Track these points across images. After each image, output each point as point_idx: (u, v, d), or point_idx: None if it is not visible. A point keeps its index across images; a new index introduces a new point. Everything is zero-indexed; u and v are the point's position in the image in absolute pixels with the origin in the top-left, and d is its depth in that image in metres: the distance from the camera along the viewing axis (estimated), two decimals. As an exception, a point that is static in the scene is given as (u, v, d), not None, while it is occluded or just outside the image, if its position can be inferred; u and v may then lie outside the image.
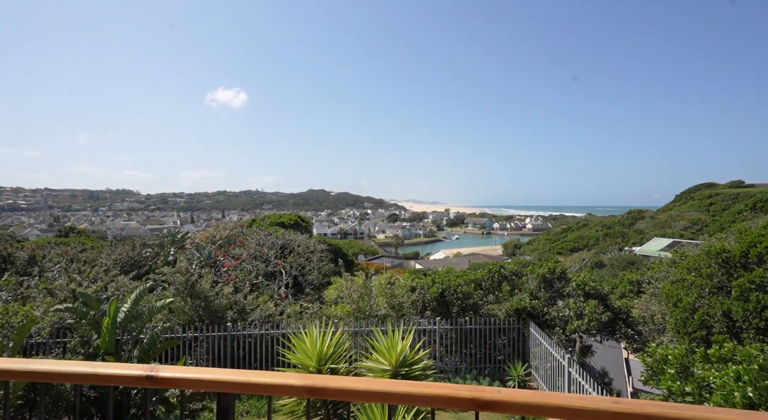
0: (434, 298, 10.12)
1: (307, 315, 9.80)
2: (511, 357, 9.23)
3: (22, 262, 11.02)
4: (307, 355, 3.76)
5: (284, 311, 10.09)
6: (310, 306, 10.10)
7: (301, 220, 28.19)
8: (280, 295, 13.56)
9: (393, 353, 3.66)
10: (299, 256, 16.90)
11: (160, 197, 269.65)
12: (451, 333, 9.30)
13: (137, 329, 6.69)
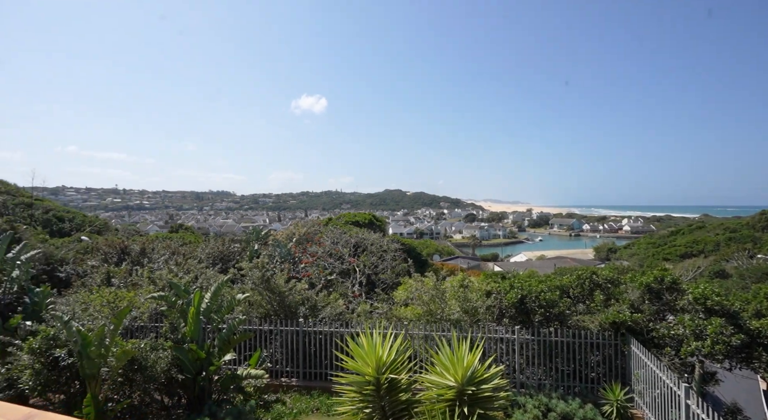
0: (512, 305, 9.27)
1: (377, 315, 9.65)
2: (607, 377, 8.03)
3: (136, 253, 12.60)
4: (365, 361, 3.49)
5: (355, 310, 10.07)
6: (380, 306, 9.93)
7: (375, 219, 28.53)
8: (354, 293, 13.70)
9: (459, 368, 3.22)
10: (372, 254, 16.98)
11: (251, 198, 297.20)
12: (533, 344, 8.41)
13: (218, 319, 7.10)
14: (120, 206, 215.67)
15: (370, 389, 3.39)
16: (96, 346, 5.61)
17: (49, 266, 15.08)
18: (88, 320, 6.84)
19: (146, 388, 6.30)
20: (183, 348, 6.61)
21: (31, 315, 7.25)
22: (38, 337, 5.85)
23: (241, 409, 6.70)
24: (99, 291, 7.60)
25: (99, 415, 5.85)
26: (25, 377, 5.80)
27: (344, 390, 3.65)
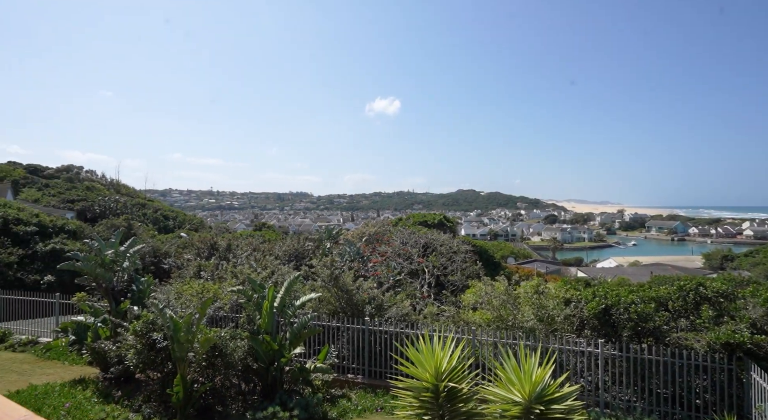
0: (595, 315, 8.37)
1: (444, 318, 9.39)
2: (717, 406, 6.84)
3: (223, 249, 13.86)
4: (424, 366, 3.34)
5: (422, 311, 9.92)
6: (448, 309, 9.64)
7: (445, 219, 28.03)
8: (422, 294, 13.55)
9: (526, 383, 2.91)
10: (441, 255, 16.66)
11: (327, 198, 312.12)
12: (620, 361, 7.48)
13: (289, 314, 7.46)
14: (214, 206, 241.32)
15: (427, 396, 3.24)
16: (184, 332, 6.22)
17: (156, 258, 17.30)
18: (180, 308, 7.64)
19: (226, 373, 6.84)
20: (258, 339, 7.05)
21: (137, 301, 8.33)
22: (140, 321, 6.66)
23: (309, 401, 6.95)
24: (189, 282, 8.45)
25: (187, 394, 6.49)
26: (130, 355, 6.64)
27: (402, 394, 3.54)
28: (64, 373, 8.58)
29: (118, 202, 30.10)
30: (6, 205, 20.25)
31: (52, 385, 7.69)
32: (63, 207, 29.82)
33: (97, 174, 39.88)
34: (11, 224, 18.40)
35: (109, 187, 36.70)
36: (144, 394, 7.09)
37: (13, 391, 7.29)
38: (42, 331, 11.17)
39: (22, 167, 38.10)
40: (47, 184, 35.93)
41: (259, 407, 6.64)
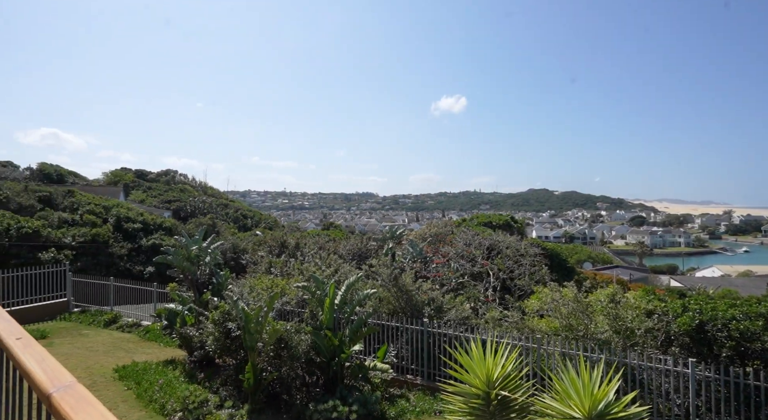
0: (685, 331, 7.44)
1: (506, 323, 9.01)
2: None
3: (292, 247, 14.72)
4: (475, 372, 3.24)
5: (483, 315, 9.63)
6: (511, 314, 9.23)
7: (513, 221, 26.78)
8: (486, 298, 13.13)
9: (586, 398, 2.68)
10: (507, 258, 15.99)
11: (392, 198, 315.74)
12: (718, 385, 6.55)
13: (349, 311, 7.70)
14: (287, 206, 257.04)
15: (477, 403, 3.15)
16: (254, 323, 6.74)
17: (235, 254, 18.91)
18: (252, 301, 8.29)
19: (291, 365, 7.27)
20: (320, 334, 7.39)
21: (216, 292, 9.22)
22: (217, 311, 7.36)
23: (368, 398, 7.11)
24: (261, 277, 9.12)
25: (256, 380, 7.02)
26: (210, 341, 7.37)
27: (452, 399, 3.49)
28: (159, 353, 9.78)
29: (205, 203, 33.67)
30: (119, 205, 23.61)
31: (149, 363, 8.81)
32: (162, 207, 34.05)
33: (188, 177, 45.10)
34: (122, 222, 21.40)
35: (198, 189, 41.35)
36: (221, 377, 7.81)
37: (120, 366, 8.48)
38: (143, 315, 12.84)
39: (132, 172, 44.24)
40: (150, 186, 41.28)
41: (321, 399, 6.95)
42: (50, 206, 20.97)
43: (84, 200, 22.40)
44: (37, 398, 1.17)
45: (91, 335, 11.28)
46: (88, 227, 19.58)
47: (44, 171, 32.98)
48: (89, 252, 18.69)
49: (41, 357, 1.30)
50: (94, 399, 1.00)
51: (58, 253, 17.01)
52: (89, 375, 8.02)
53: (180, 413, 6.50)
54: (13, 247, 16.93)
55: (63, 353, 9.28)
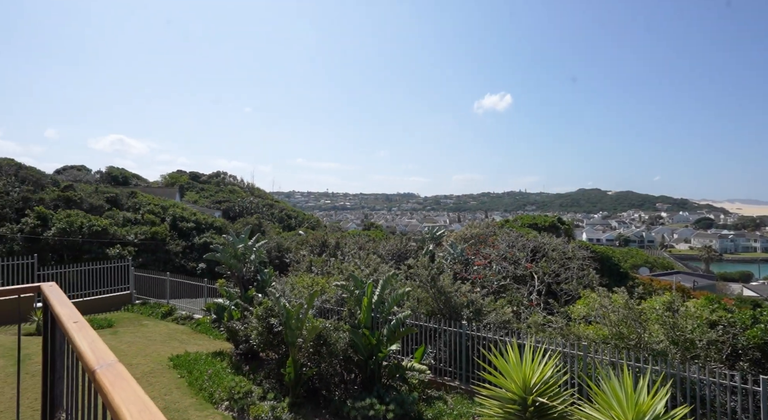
0: (756, 345, 6.74)
1: (550, 329, 8.63)
2: None
3: (332, 246, 15.04)
4: (511, 376, 3.13)
5: (526, 319, 9.28)
6: (556, 319, 8.82)
7: (560, 222, 25.59)
8: (530, 302, 12.67)
9: (629, 410, 2.49)
10: (553, 261, 15.34)
11: (433, 199, 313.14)
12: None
13: (386, 311, 7.74)
14: (329, 207, 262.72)
15: (513, 408, 3.03)
16: (294, 319, 6.96)
17: (280, 253, 19.65)
18: (293, 298, 8.55)
19: (330, 361, 7.42)
20: (357, 332, 7.48)
21: (260, 289, 9.62)
22: (261, 307, 7.67)
23: (405, 398, 7.10)
24: (302, 276, 9.39)
25: (297, 375, 7.24)
26: (254, 336, 7.70)
27: (488, 403, 3.39)
28: (208, 344, 10.37)
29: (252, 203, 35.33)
30: (175, 205, 25.34)
31: (200, 353, 9.37)
32: (213, 207, 36.14)
33: (237, 178, 47.62)
34: (178, 221, 22.94)
35: (246, 190, 43.55)
36: (264, 370, 8.13)
37: (174, 355, 9.08)
38: (195, 308, 13.68)
39: (186, 174, 47.35)
40: (202, 187, 43.96)
41: (359, 397, 7.04)
42: (116, 206, 22.93)
43: (144, 201, 24.28)
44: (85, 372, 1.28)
45: (150, 326, 12.19)
46: (148, 226, 21.19)
47: (111, 174, 36.16)
48: (149, 249, 20.24)
49: (91, 339, 1.43)
50: (129, 377, 1.09)
51: (122, 249, 18.57)
52: (148, 362, 8.66)
53: (227, 402, 6.85)
54: (85, 244, 18.71)
55: (126, 341, 10.10)
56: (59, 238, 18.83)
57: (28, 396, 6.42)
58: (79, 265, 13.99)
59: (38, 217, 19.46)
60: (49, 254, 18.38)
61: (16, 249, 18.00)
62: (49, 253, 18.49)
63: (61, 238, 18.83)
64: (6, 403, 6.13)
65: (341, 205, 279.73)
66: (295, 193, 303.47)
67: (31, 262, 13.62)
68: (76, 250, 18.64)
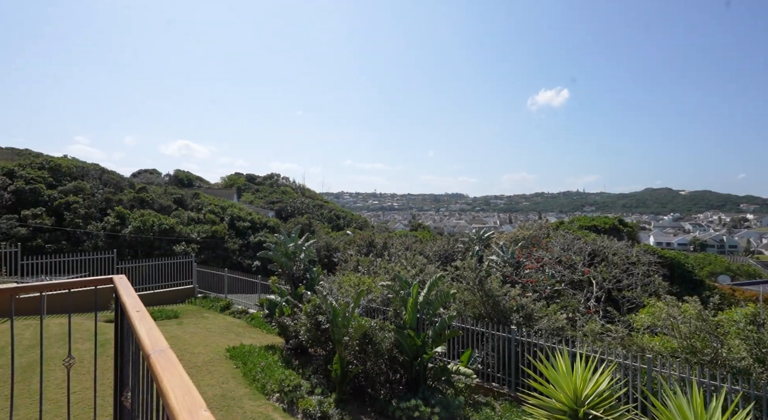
0: None
1: (609, 338, 8.05)
2: None
3: (379, 247, 15.17)
4: (560, 386, 2.95)
5: (582, 327, 8.74)
6: (615, 328, 8.22)
7: (621, 224, 23.81)
8: (587, 309, 11.96)
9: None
10: (614, 266, 14.36)
11: (483, 199, 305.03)
12: None
13: (431, 312, 7.65)
14: (377, 207, 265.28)
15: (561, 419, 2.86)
16: (341, 318, 7.10)
17: (328, 252, 20.19)
18: (340, 297, 8.74)
19: (376, 361, 7.49)
20: (403, 333, 7.48)
21: (309, 287, 9.94)
22: (310, 304, 7.92)
23: (451, 401, 6.98)
24: (349, 275, 9.57)
25: (343, 372, 7.38)
26: (302, 332, 7.97)
27: (536, 413, 3.23)
28: (261, 338, 10.90)
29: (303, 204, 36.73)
30: (232, 206, 26.97)
31: (253, 346, 9.87)
32: (267, 207, 38.03)
33: (289, 180, 49.72)
34: (235, 221, 24.39)
35: (297, 191, 45.42)
36: (313, 366, 8.39)
37: (231, 347, 9.65)
38: (250, 303, 14.45)
39: (243, 176, 50.26)
40: (258, 189, 46.43)
41: (404, 397, 7.03)
42: (182, 206, 24.87)
43: (206, 201, 26.10)
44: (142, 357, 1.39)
45: (210, 318, 13.07)
46: (209, 225, 22.74)
47: (178, 176, 39.30)
48: (209, 246, 21.71)
49: (149, 327, 1.56)
50: (177, 363, 1.17)
51: (187, 246, 20.10)
52: (208, 352, 9.29)
53: (277, 394, 7.15)
54: (156, 241, 20.49)
55: (189, 332, 10.91)
56: (134, 235, 20.82)
57: (108, 376, 7.16)
58: (150, 260, 15.36)
59: (118, 216, 21.65)
60: (126, 250, 20.39)
61: (100, 245, 20.17)
62: (126, 249, 20.51)
63: (136, 236, 20.82)
64: (89, 381, 6.87)
65: (389, 205, 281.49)
66: (344, 193, 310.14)
67: (111, 257, 15.19)
68: (148, 246, 20.49)
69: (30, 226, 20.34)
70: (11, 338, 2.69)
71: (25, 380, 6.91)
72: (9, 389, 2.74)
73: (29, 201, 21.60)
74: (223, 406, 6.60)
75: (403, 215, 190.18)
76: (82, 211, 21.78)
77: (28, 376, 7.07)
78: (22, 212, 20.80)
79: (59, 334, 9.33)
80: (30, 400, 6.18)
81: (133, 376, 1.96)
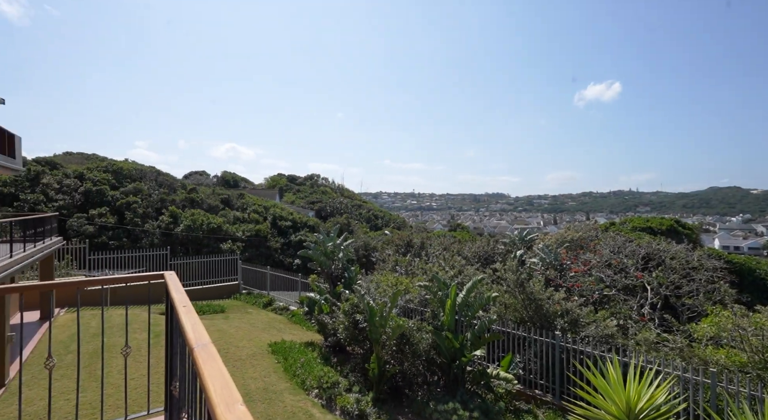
0: None
1: (666, 349, 7.47)
2: None
3: (417, 247, 15.08)
4: (611, 397, 2.75)
5: (634, 336, 8.18)
6: (673, 338, 7.61)
7: (680, 225, 22.06)
8: (641, 316, 11.21)
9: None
10: (672, 271, 13.37)
11: (526, 199, 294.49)
12: None
13: (469, 315, 7.48)
14: (415, 207, 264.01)
15: (614, 436, 2.67)
16: (378, 317, 7.12)
17: (366, 252, 20.36)
18: (378, 296, 8.77)
19: (413, 361, 7.44)
20: (440, 334, 7.37)
21: (347, 286, 10.06)
22: (348, 303, 8.01)
23: (490, 407, 6.79)
24: (386, 274, 9.57)
25: (380, 371, 7.39)
26: (340, 330, 8.07)
27: (583, 426, 3.04)
28: (302, 335, 11.18)
29: (342, 204, 37.39)
30: (275, 205, 27.94)
31: (294, 342, 10.15)
32: (307, 207, 39.08)
33: (328, 180, 50.86)
34: (277, 220, 25.24)
35: (336, 191, 46.36)
36: (350, 364, 8.48)
37: (273, 342, 9.99)
38: (290, 300, 14.87)
39: (285, 177, 51.98)
40: (298, 189, 47.83)
41: (442, 400, 6.92)
42: (228, 206, 26.10)
43: (250, 201, 27.22)
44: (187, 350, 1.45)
45: (253, 314, 13.60)
46: (253, 224, 23.69)
47: (225, 178, 41.31)
48: (253, 244, 22.62)
49: (194, 321, 1.62)
50: (218, 357, 1.20)
51: (232, 244, 21.05)
52: (251, 346, 9.66)
53: (316, 390, 7.30)
54: (204, 239, 21.64)
55: (235, 326, 11.42)
56: (185, 233, 22.14)
57: (162, 365, 7.65)
58: (199, 257, 16.26)
59: (171, 216, 23.12)
60: (178, 247, 21.74)
61: (156, 242, 21.64)
62: (179, 246, 21.85)
63: (187, 234, 22.13)
64: (145, 369, 7.37)
65: (427, 205, 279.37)
66: (382, 193, 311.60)
67: (165, 253, 16.24)
68: (198, 243, 21.70)
69: (96, 224, 22.22)
70: (77, 327, 2.93)
71: (92, 365, 7.55)
72: (79, 373, 2.99)
73: (96, 201, 23.60)
74: (265, 399, 6.82)
75: (442, 215, 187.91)
76: (141, 210, 23.48)
77: (93, 362, 7.71)
78: (90, 211, 22.77)
79: (120, 325, 10.09)
80: (96, 384, 6.73)
81: (180, 367, 2.05)
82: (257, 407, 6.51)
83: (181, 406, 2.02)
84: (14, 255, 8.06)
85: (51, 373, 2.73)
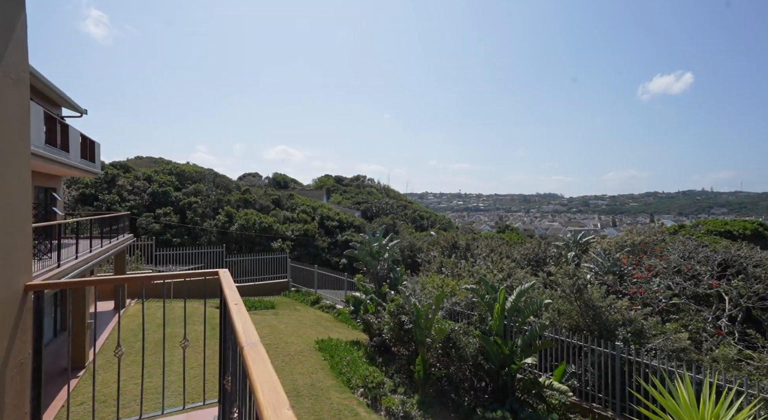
0: None
1: (750, 367, 6.66)
2: None
3: (462, 248, 14.74)
4: (680, 417, 2.46)
5: (711, 351, 7.39)
6: (758, 356, 6.77)
7: (765, 229, 19.68)
8: (717, 329, 10.15)
9: None
10: (756, 280, 11.97)
11: (581, 200, 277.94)
12: None
13: (519, 320, 7.15)
14: (461, 208, 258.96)
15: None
16: (423, 319, 7.02)
17: (412, 253, 20.26)
18: (423, 298, 8.66)
19: (459, 366, 7.25)
20: (489, 339, 7.11)
21: (392, 286, 10.04)
22: (393, 304, 7.98)
23: (542, 417, 6.44)
24: (432, 276, 9.43)
25: (426, 374, 7.28)
26: (386, 330, 8.06)
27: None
28: (347, 333, 11.33)
29: (388, 204, 37.58)
30: (322, 206, 28.67)
31: (340, 340, 10.31)
32: (353, 208, 39.72)
33: (374, 181, 51.40)
34: (324, 220, 25.87)
35: (382, 192, 46.73)
36: (396, 365, 8.44)
37: (320, 339, 10.21)
38: (337, 299, 15.15)
39: (332, 178, 53.23)
40: (345, 190, 48.76)
41: (489, 407, 6.68)
42: (278, 206, 27.17)
43: (299, 202, 28.14)
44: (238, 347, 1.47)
45: (301, 311, 14.01)
46: (301, 224, 24.45)
47: (276, 179, 43.08)
48: (302, 243, 23.35)
49: (245, 319, 1.65)
50: (266, 357, 1.20)
51: (282, 243, 21.87)
52: (299, 342, 9.94)
53: (362, 389, 7.34)
54: (257, 237, 22.68)
55: (284, 322, 11.82)
56: (239, 232, 23.37)
57: (217, 358, 8.10)
58: (251, 255, 17.07)
59: (226, 215, 24.52)
60: (233, 245, 23.00)
61: (213, 240, 23.06)
62: (233, 244, 23.11)
63: (240, 233, 23.35)
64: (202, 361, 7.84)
65: (474, 206, 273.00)
66: (428, 194, 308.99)
67: (221, 251, 17.22)
68: (251, 242, 22.80)
69: (161, 223, 24.12)
70: (142, 318, 3.15)
71: (157, 353, 8.15)
72: (143, 361, 3.20)
73: (161, 201, 25.62)
74: (312, 395, 6.97)
75: (489, 216, 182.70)
76: (200, 210, 25.14)
77: (158, 350, 8.32)
78: (156, 211, 24.76)
79: (181, 317, 10.84)
80: (160, 371, 7.26)
81: (232, 363, 2.11)
82: (305, 403, 6.66)
83: (233, 401, 2.08)
84: (93, 250, 8.91)
85: (120, 361, 2.93)
